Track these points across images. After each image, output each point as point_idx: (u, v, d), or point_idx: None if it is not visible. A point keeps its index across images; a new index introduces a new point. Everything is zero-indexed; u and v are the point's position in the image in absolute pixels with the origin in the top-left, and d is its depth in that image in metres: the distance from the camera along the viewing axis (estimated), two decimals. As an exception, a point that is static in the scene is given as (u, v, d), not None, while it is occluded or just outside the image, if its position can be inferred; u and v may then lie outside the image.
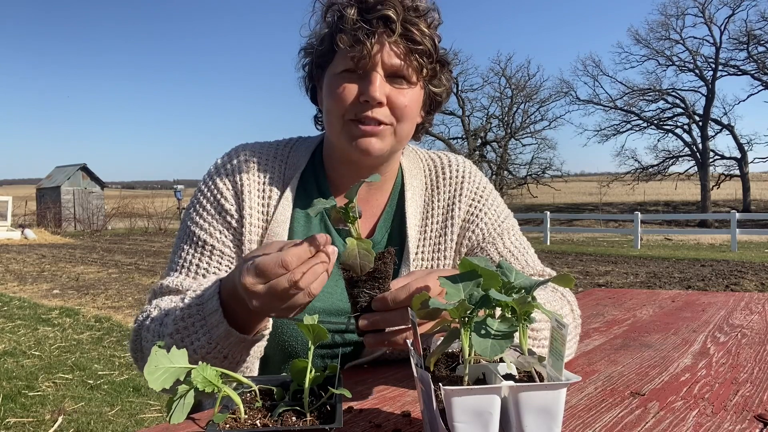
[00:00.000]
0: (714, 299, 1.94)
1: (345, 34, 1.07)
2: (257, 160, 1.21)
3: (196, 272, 1.15)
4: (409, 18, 1.08)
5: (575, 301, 1.23)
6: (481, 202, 1.28)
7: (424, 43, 1.09)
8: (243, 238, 1.16)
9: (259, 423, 0.66)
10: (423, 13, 1.11)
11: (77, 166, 36.88)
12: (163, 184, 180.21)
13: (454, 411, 0.62)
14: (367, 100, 1.07)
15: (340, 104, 1.09)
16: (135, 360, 1.12)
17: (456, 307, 0.66)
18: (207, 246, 1.16)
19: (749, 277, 10.12)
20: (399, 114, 1.11)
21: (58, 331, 6.44)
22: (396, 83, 1.11)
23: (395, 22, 1.07)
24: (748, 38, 34.89)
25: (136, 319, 1.13)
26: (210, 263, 1.15)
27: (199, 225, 1.18)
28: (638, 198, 43.17)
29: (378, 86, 1.07)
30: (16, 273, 12.08)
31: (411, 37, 1.08)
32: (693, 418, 0.84)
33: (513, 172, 41.06)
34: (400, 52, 1.09)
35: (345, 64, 1.09)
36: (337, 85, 1.10)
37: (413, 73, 1.11)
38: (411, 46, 1.09)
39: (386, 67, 1.09)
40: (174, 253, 1.20)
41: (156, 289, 1.15)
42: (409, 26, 1.08)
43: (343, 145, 1.14)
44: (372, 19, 1.07)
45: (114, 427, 3.71)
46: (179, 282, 1.13)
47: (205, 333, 0.94)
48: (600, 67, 40.12)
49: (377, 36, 1.07)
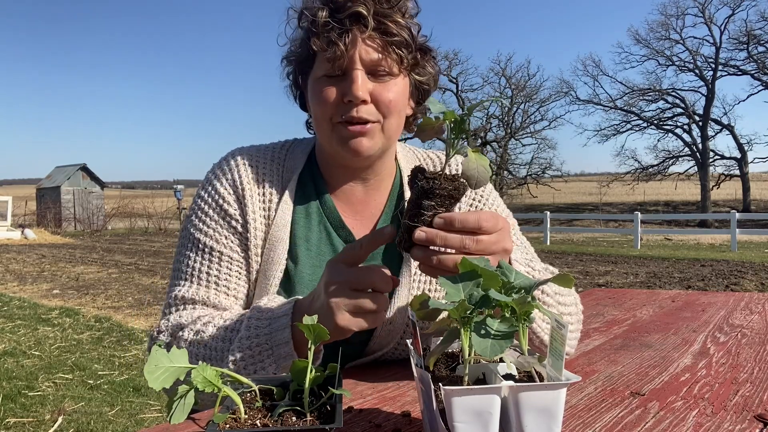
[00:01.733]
0: (714, 299, 1.94)
1: (318, 37, 1.07)
2: (255, 164, 1.21)
3: (207, 280, 1.14)
4: (381, 11, 1.07)
5: (577, 296, 1.23)
6: (481, 202, 1.28)
7: (400, 34, 1.08)
8: (248, 243, 1.15)
9: (259, 423, 0.66)
10: (395, 3, 1.09)
11: (77, 166, 36.89)
12: (163, 184, 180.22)
13: (454, 411, 0.62)
14: (351, 99, 1.06)
15: (325, 108, 1.09)
16: None
17: (456, 307, 0.66)
18: (215, 252, 1.15)
19: (749, 277, 10.12)
20: (385, 109, 1.10)
21: (58, 331, 6.44)
22: (378, 79, 1.09)
23: (366, 17, 1.05)
24: (748, 38, 34.91)
25: (151, 336, 1.12)
26: (220, 270, 1.14)
27: (203, 231, 1.17)
28: (638, 198, 43.17)
29: (360, 84, 1.06)
30: (16, 273, 12.08)
31: (386, 29, 1.07)
32: (693, 418, 0.84)
33: (513, 172, 41.09)
34: (377, 46, 1.07)
35: (324, 67, 1.09)
36: (320, 90, 1.09)
37: (393, 65, 1.09)
38: (387, 39, 1.07)
39: (365, 63, 1.07)
40: (179, 261, 1.18)
41: (171, 302, 1.13)
42: (382, 19, 1.07)
43: (334, 148, 1.13)
44: (343, 18, 1.06)
45: (114, 427, 3.71)
46: (194, 292, 1.12)
47: (273, 362, 0.96)
48: (600, 67, 40.22)
49: (350, 34, 1.05)
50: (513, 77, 39.50)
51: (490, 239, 0.85)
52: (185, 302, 1.12)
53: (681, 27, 37.59)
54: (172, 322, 1.09)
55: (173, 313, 1.11)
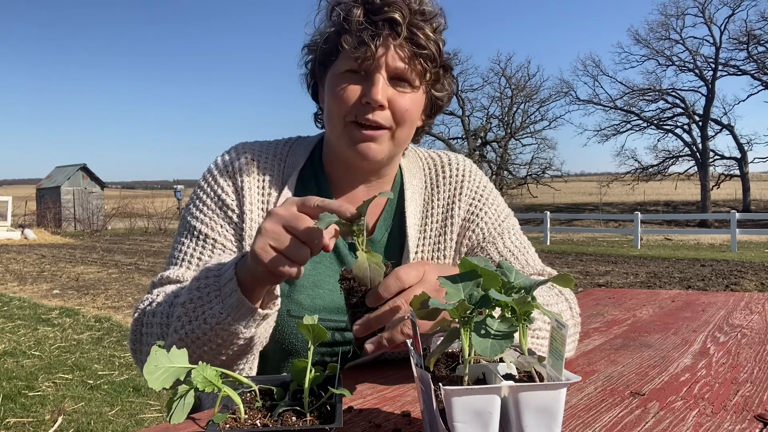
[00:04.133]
0: (714, 299, 1.94)
1: (350, 35, 1.07)
2: (257, 158, 1.22)
3: (197, 265, 1.15)
4: (415, 22, 1.08)
5: (574, 299, 1.23)
6: (481, 201, 1.28)
7: (428, 47, 1.09)
8: (244, 234, 1.16)
9: (259, 423, 0.66)
10: (429, 17, 1.11)
11: (77, 166, 36.88)
12: (163, 184, 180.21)
13: (454, 411, 0.62)
14: (369, 101, 1.07)
15: (342, 105, 1.09)
16: (134, 354, 1.11)
17: (456, 307, 0.66)
18: (209, 239, 1.16)
19: (749, 277, 10.13)
20: (399, 118, 1.10)
21: (58, 331, 6.44)
22: (398, 86, 1.10)
23: (401, 25, 1.06)
24: (748, 38, 34.90)
25: (135, 308, 1.12)
26: (212, 256, 1.15)
27: (199, 219, 1.18)
28: (638, 198, 43.17)
29: (381, 88, 1.07)
30: (16, 273, 12.07)
31: (416, 41, 1.08)
32: (693, 418, 0.84)
33: (513, 172, 41.05)
34: (405, 55, 1.08)
35: (348, 64, 1.09)
36: (340, 85, 1.10)
37: (416, 77, 1.11)
38: (415, 50, 1.09)
39: (390, 69, 1.08)
40: (174, 247, 1.20)
41: (156, 281, 1.15)
42: (414, 30, 1.08)
43: (342, 147, 1.14)
44: (378, 21, 1.06)
45: (114, 427, 3.71)
46: (180, 274, 1.13)
47: (219, 301, 0.94)
48: (600, 67, 40.15)
49: (382, 38, 1.06)
50: (513, 77, 39.55)
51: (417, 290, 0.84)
52: (170, 281, 1.13)
53: (681, 27, 37.62)
54: (153, 295, 1.10)
55: (155, 290, 1.12)
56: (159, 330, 1.02)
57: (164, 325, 1.02)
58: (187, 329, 0.95)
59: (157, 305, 1.05)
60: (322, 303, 1.14)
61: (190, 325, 0.95)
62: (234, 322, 0.93)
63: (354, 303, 0.86)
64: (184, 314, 0.96)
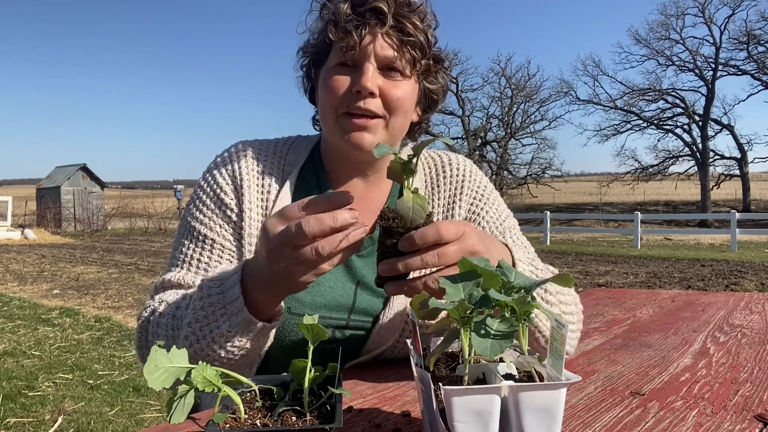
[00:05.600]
0: (714, 299, 1.94)
1: (336, 27, 1.09)
2: (256, 156, 1.22)
3: (197, 267, 1.15)
4: (401, 12, 1.09)
5: (577, 296, 1.23)
6: (482, 201, 1.28)
7: (416, 35, 1.10)
8: (243, 232, 1.17)
9: (259, 423, 0.66)
10: (415, 8, 1.12)
11: (77, 166, 36.88)
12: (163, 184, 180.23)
13: (454, 411, 0.62)
14: (359, 90, 1.07)
15: (333, 96, 1.10)
16: (142, 359, 1.11)
17: (456, 307, 0.66)
18: (207, 240, 1.16)
19: (749, 277, 10.13)
20: (392, 106, 1.11)
21: (58, 331, 6.44)
22: (389, 75, 1.11)
23: (386, 14, 1.08)
24: (748, 38, 34.91)
25: (139, 316, 1.12)
26: (211, 257, 1.15)
27: (198, 220, 1.18)
28: (638, 198, 43.17)
29: (370, 76, 1.07)
30: (16, 273, 12.07)
31: (403, 29, 1.09)
32: (693, 418, 0.84)
33: (513, 172, 41.07)
34: (393, 43, 1.09)
35: (338, 57, 1.10)
36: (330, 78, 1.11)
37: (406, 66, 1.11)
38: (403, 38, 1.09)
39: (379, 58, 1.09)
40: (174, 249, 1.21)
41: (158, 284, 1.15)
42: (401, 18, 1.09)
43: (336, 139, 1.14)
44: (364, 11, 1.08)
45: (114, 427, 3.71)
46: (181, 277, 1.13)
47: (226, 320, 0.93)
48: (600, 67, 40.29)
49: (368, 27, 1.08)
50: (513, 77, 39.55)
51: (453, 249, 0.82)
52: (171, 286, 1.13)
53: (681, 27, 37.65)
54: (156, 301, 1.10)
55: (157, 296, 1.12)
56: (165, 342, 1.03)
57: (170, 338, 1.02)
58: (196, 348, 0.96)
59: (160, 315, 1.05)
60: (322, 300, 1.15)
61: (198, 344, 0.96)
62: (242, 338, 0.94)
63: (387, 243, 0.83)
64: (191, 333, 0.96)
